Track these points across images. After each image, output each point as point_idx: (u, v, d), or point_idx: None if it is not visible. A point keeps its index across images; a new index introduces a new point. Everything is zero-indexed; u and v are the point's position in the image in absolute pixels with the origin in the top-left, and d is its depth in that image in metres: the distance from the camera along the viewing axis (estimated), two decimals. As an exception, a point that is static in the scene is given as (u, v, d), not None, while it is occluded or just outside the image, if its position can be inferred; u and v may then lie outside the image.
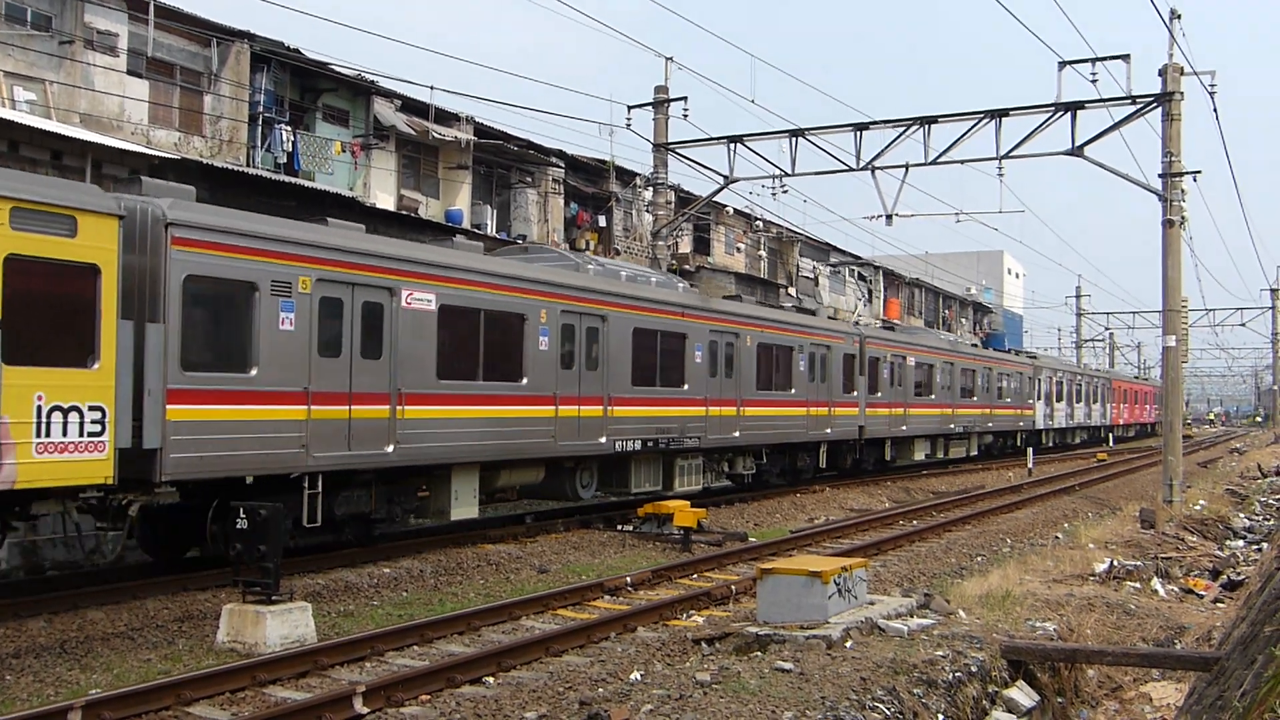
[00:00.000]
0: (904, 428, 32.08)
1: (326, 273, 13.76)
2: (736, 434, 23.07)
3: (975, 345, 49.02)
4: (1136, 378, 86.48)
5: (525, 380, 17.24)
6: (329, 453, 13.68)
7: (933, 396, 34.54)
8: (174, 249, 11.94)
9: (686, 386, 21.37)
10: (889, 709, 8.00)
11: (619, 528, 19.32)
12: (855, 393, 28.80)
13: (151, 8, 22.39)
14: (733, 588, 13.85)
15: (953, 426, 36.22)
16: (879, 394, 30.24)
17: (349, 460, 14.08)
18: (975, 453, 40.19)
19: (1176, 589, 15.78)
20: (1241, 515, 24.75)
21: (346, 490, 14.53)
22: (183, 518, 13.25)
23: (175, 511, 13.15)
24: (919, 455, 34.53)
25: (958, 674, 8.97)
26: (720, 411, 22.42)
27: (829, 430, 27.18)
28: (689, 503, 18.78)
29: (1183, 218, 24.41)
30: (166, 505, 12.70)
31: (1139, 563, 16.92)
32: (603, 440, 19.00)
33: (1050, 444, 52.71)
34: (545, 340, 17.60)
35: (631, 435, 19.62)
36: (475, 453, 16.34)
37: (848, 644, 9.55)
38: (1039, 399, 47.80)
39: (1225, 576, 16.54)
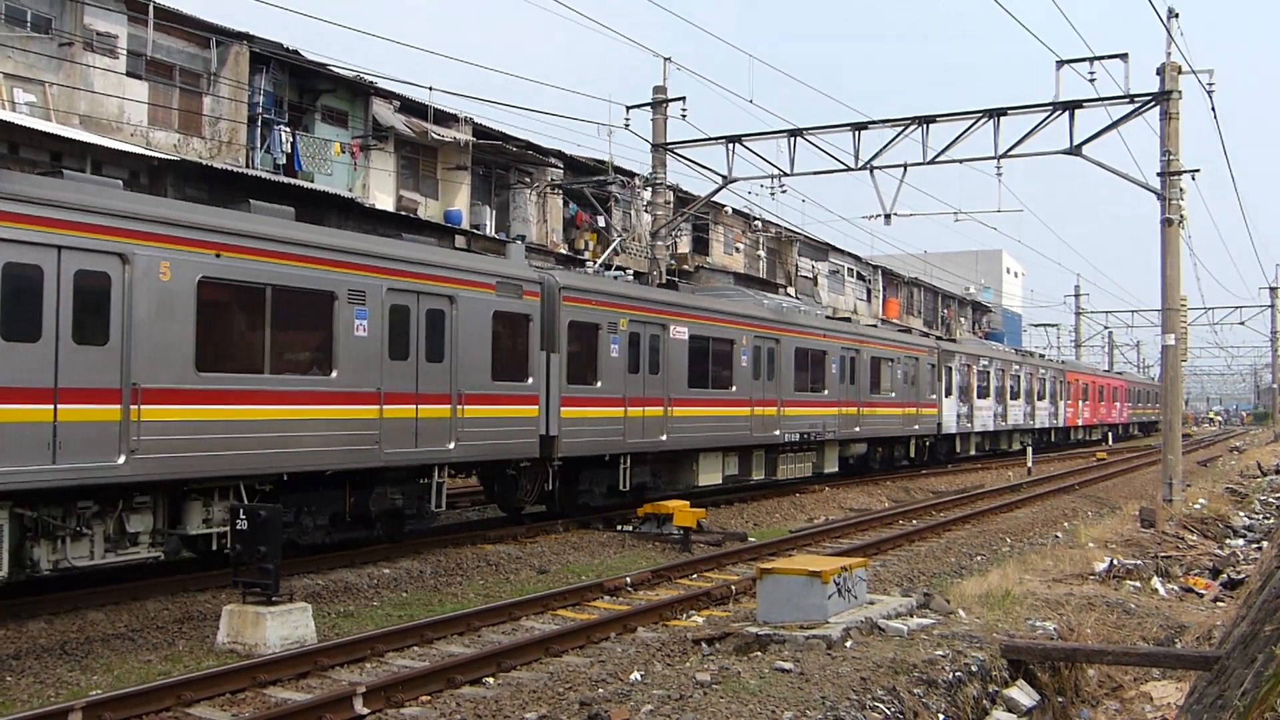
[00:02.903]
0: (663, 437, 20.51)
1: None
2: (120, 460, 11.58)
3: (838, 316, 35.10)
4: (1109, 371, 73.59)
5: None
6: None
7: (734, 390, 22.89)
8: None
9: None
10: (889, 709, 8.00)
11: (619, 528, 19.31)
12: (531, 380, 17.39)
13: (151, 9, 22.44)
14: (732, 588, 13.86)
15: (779, 433, 24.62)
16: (598, 383, 18.87)
17: None
18: (834, 469, 28.32)
19: (1176, 588, 15.78)
20: (1241, 514, 24.74)
21: None
22: None
23: None
24: (707, 479, 22.32)
25: (958, 674, 8.98)
26: (87, 414, 11.35)
27: (452, 445, 15.74)
28: (688, 502, 18.77)
29: (1181, 216, 24.42)
30: None
31: (1139, 562, 16.92)
32: None
33: (971, 451, 40.36)
34: None
35: None
36: None
37: (848, 644, 9.56)
38: (950, 394, 36.24)
39: (1225, 575, 16.54)
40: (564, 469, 18.74)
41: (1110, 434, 64.12)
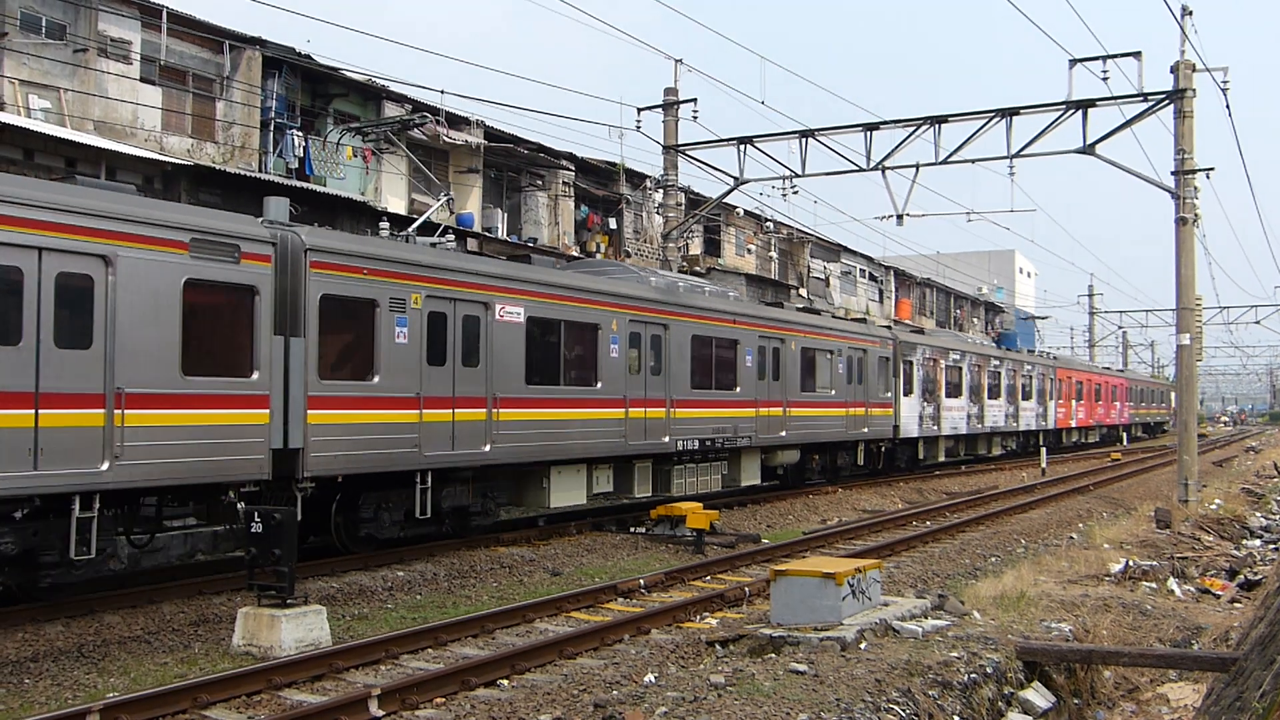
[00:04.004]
0: (486, 448, 16.07)
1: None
2: None
3: (738, 297, 27.30)
4: (1109, 368, 68.44)
5: None
6: None
7: (599, 386, 18.56)
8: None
9: None
10: (904, 711, 7.99)
11: (632, 530, 19.33)
12: (256, 374, 12.83)
13: (164, 15, 22.56)
14: (746, 590, 13.85)
15: (669, 440, 20.25)
16: (374, 379, 14.42)
17: None
18: (754, 480, 24.00)
19: (1193, 589, 15.72)
20: (1258, 514, 24.62)
21: None
22: None
23: None
24: (564, 498, 18.35)
25: (973, 675, 8.96)
26: None
27: (105, 466, 11.28)
28: (701, 505, 18.78)
29: (1196, 215, 24.33)
30: None
31: (1155, 563, 16.85)
32: None
33: (940, 457, 35.49)
34: None
35: None
36: None
37: (862, 646, 9.54)
38: (910, 392, 31.25)
39: (1242, 576, 16.46)
40: (341, 491, 14.77)
41: (1125, 434, 62.19)
